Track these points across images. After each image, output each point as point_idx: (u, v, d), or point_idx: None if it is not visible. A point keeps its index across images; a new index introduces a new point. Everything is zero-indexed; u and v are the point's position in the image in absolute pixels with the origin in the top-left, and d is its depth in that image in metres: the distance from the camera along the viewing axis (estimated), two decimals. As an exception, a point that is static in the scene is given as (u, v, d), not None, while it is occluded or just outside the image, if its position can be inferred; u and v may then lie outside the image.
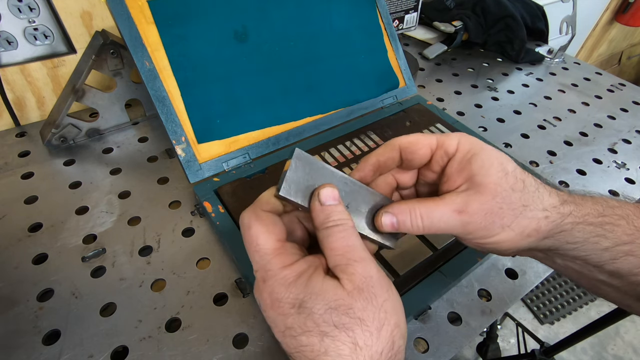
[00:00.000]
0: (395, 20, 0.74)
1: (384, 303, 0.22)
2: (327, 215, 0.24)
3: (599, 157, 0.59)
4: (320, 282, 0.22)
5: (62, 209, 0.45)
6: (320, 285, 0.22)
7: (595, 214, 0.26)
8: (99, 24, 0.55)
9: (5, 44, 0.50)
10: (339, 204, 0.25)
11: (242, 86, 0.48)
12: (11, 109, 0.55)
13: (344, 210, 0.25)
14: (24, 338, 0.34)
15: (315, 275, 0.23)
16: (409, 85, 0.61)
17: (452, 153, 0.26)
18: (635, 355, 1.25)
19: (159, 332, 0.35)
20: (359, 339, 0.21)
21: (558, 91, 0.74)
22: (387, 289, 0.23)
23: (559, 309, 1.35)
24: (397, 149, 0.27)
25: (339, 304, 0.21)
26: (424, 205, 0.25)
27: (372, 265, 0.23)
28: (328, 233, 0.24)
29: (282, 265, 0.23)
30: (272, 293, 0.23)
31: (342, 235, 0.24)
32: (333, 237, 0.24)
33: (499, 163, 0.25)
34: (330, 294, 0.22)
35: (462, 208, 0.24)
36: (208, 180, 0.45)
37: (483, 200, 0.24)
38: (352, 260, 0.23)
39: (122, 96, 0.55)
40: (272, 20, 0.49)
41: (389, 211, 0.26)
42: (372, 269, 0.23)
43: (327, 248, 0.24)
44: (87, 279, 0.39)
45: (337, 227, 0.24)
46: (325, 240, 0.24)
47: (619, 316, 0.73)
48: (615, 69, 1.97)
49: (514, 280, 0.42)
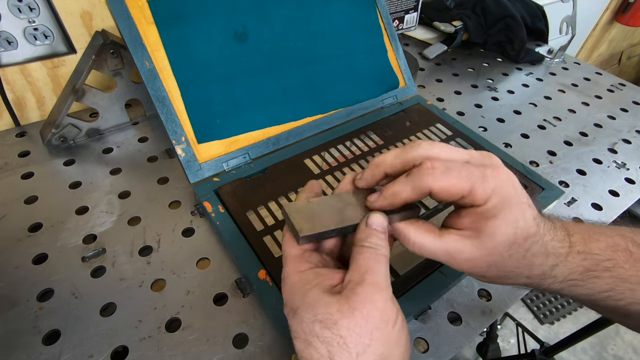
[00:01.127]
0: (395, 20, 0.74)
1: (374, 331, 0.22)
2: (368, 235, 0.25)
3: (599, 157, 0.59)
4: (317, 294, 0.23)
5: (62, 209, 0.45)
6: (316, 297, 0.23)
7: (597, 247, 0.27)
8: (99, 24, 0.55)
9: (5, 44, 0.50)
10: (382, 232, 0.26)
11: (242, 86, 0.48)
12: (11, 109, 0.55)
13: (384, 239, 0.25)
14: (24, 338, 0.34)
15: (317, 288, 0.24)
16: (409, 85, 0.61)
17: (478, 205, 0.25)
18: (635, 355, 1.25)
19: (159, 332, 0.35)
20: (336, 356, 0.21)
21: (558, 91, 0.74)
22: (387, 321, 0.23)
23: (559, 309, 1.35)
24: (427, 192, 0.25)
25: (325, 318, 0.22)
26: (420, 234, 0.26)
27: (382, 295, 0.23)
28: (362, 250, 0.25)
29: (294, 271, 0.25)
30: (284, 293, 0.25)
31: (373, 257, 0.24)
32: (364, 255, 0.24)
33: (513, 233, 0.24)
34: (321, 307, 0.23)
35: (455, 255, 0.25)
36: (208, 180, 0.45)
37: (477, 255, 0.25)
38: (365, 281, 0.23)
39: (122, 96, 0.55)
40: (272, 20, 0.49)
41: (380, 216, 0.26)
42: (379, 298, 0.23)
43: (354, 262, 0.24)
44: (87, 279, 0.39)
45: (372, 249, 0.25)
46: (356, 256, 0.25)
47: (619, 316, 0.73)
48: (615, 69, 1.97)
49: (514, 280, 0.42)
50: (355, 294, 0.23)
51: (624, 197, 0.53)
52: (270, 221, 0.42)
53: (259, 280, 0.37)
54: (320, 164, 0.49)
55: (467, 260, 0.25)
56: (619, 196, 0.53)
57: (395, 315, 0.23)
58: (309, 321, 0.22)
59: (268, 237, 0.40)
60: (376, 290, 0.23)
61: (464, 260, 0.25)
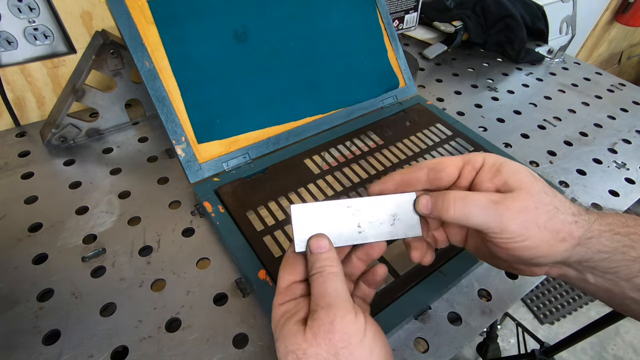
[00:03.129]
0: (395, 20, 0.73)
1: (341, 351, 0.23)
2: (312, 263, 0.26)
3: (599, 157, 0.59)
4: (291, 325, 0.24)
5: (62, 209, 0.45)
6: (289, 328, 0.24)
7: (619, 224, 0.26)
8: (99, 24, 0.55)
9: (5, 44, 0.50)
10: (326, 251, 0.26)
11: (242, 86, 0.48)
12: (11, 109, 0.55)
13: (330, 257, 0.26)
14: (24, 338, 0.34)
15: (292, 319, 0.25)
16: (409, 85, 0.61)
17: (479, 166, 0.27)
18: (635, 355, 1.25)
19: (159, 332, 0.35)
20: None
21: (558, 91, 0.74)
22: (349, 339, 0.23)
23: (559, 309, 1.35)
24: (424, 169, 0.27)
25: (295, 348, 0.23)
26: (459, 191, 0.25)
27: (339, 312, 0.23)
28: (313, 279, 0.25)
29: (276, 304, 0.26)
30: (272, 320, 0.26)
31: (319, 281, 0.25)
32: (313, 283, 0.25)
33: (526, 170, 0.26)
34: (291, 338, 0.23)
35: (499, 200, 0.24)
36: (208, 180, 0.45)
37: (518, 198, 0.24)
38: (319, 307, 0.24)
39: (122, 96, 0.55)
40: (272, 20, 0.49)
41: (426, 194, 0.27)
42: (335, 316, 0.23)
43: (312, 293, 0.25)
44: (87, 279, 0.39)
45: (317, 274, 0.25)
46: (311, 285, 0.25)
47: (619, 316, 0.73)
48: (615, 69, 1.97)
49: (514, 280, 0.42)
50: (314, 320, 0.23)
51: (624, 197, 0.53)
52: (270, 221, 0.42)
53: (259, 280, 0.37)
54: (320, 164, 0.49)
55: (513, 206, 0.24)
56: (619, 196, 0.53)
57: (362, 328, 0.24)
58: (284, 352, 0.23)
59: (268, 237, 0.40)
60: (331, 312, 0.23)
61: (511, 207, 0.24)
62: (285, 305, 0.26)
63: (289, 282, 0.27)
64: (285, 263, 0.27)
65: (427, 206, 0.26)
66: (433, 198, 0.26)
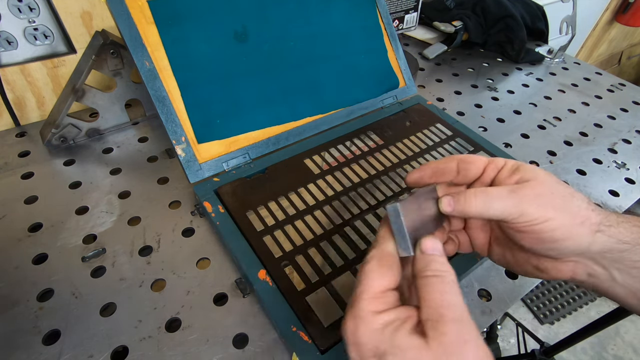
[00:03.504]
0: (395, 20, 0.73)
1: None
2: (426, 263, 0.24)
3: (599, 157, 0.59)
4: (407, 337, 0.21)
5: (62, 209, 0.45)
6: (405, 340, 0.21)
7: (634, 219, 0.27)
8: (99, 24, 0.55)
9: (5, 44, 0.50)
10: (440, 255, 0.24)
11: (242, 86, 0.48)
12: (11, 109, 0.55)
13: (445, 262, 0.24)
14: (24, 338, 0.34)
15: (402, 329, 0.22)
16: (409, 85, 0.61)
17: (501, 166, 0.29)
18: (635, 355, 1.25)
19: (159, 332, 0.35)
20: None
21: (558, 91, 0.74)
22: None
23: (559, 309, 1.35)
24: (455, 161, 0.29)
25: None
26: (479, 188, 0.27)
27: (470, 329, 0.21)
28: (425, 282, 0.23)
29: (372, 310, 0.23)
30: (354, 333, 0.23)
31: (439, 287, 0.22)
32: (429, 287, 0.23)
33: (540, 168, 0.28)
34: (413, 352, 0.21)
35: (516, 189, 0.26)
36: (208, 180, 0.45)
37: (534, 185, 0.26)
38: (446, 318, 0.21)
39: (122, 96, 0.55)
40: (272, 20, 0.49)
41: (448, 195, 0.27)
42: (469, 334, 0.21)
43: (422, 298, 0.23)
44: (87, 279, 0.39)
45: (436, 277, 0.23)
46: (422, 290, 0.23)
47: (619, 316, 0.73)
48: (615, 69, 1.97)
49: (514, 280, 0.42)
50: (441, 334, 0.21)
51: (624, 197, 0.53)
52: (270, 221, 0.42)
53: (259, 280, 0.37)
54: (320, 164, 0.49)
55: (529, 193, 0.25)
56: (619, 196, 0.53)
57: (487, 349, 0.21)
58: None
59: (268, 237, 0.40)
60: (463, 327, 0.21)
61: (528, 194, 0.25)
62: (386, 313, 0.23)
63: (383, 288, 0.24)
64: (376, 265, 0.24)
65: (449, 204, 0.27)
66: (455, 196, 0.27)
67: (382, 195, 0.46)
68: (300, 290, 0.36)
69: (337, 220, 0.43)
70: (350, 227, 0.42)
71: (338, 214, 0.43)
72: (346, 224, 0.42)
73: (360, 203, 0.45)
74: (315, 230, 0.41)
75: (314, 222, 0.42)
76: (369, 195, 0.46)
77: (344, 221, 0.43)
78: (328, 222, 0.43)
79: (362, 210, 0.44)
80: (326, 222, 0.42)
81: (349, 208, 0.44)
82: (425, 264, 0.24)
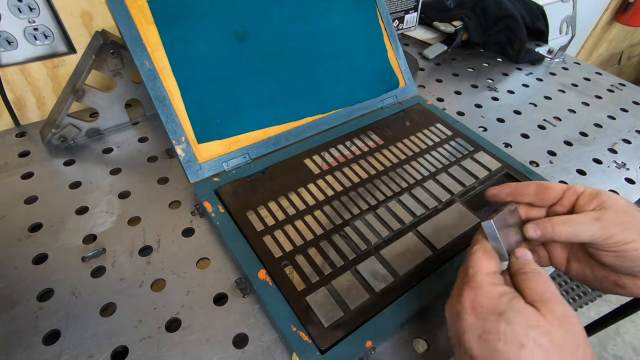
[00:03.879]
0: (395, 20, 0.73)
1: (580, 347, 0.24)
2: (523, 264, 0.28)
3: (599, 157, 0.59)
4: (522, 304, 0.25)
5: (62, 209, 0.45)
6: (521, 306, 0.25)
7: None
8: (99, 24, 0.55)
9: (5, 44, 0.50)
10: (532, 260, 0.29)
11: (242, 86, 0.48)
12: (11, 109, 0.55)
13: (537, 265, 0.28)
14: (24, 338, 0.34)
15: (517, 299, 0.25)
16: (409, 85, 0.61)
17: (580, 191, 0.31)
18: (635, 355, 1.25)
19: (159, 332, 0.35)
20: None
21: (558, 91, 0.74)
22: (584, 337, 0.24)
23: (559, 309, 1.34)
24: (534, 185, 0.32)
25: (539, 325, 0.24)
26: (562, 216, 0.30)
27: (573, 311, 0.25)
28: (527, 277, 0.27)
29: (490, 282, 0.27)
30: (474, 300, 0.26)
31: (542, 280, 0.26)
32: (533, 280, 0.27)
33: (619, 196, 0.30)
34: (531, 316, 0.24)
35: (599, 216, 0.29)
36: (208, 180, 0.45)
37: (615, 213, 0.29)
38: (553, 301, 0.25)
39: (122, 96, 0.55)
40: (272, 20, 0.49)
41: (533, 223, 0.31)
42: (572, 313, 0.25)
43: (527, 288, 0.26)
44: (87, 279, 0.39)
45: (535, 273, 0.27)
46: (525, 282, 0.27)
47: (619, 316, 0.73)
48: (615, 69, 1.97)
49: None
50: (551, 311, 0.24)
51: (624, 197, 0.53)
52: (270, 221, 0.42)
53: (259, 280, 0.37)
54: (320, 164, 0.49)
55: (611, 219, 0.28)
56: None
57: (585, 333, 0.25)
58: (522, 326, 0.24)
59: (268, 237, 0.40)
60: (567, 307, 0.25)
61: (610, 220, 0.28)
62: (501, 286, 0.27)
63: (492, 270, 0.28)
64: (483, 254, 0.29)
65: (535, 231, 0.30)
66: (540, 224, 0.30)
67: (382, 195, 0.46)
68: (300, 290, 0.36)
69: (337, 220, 0.43)
70: (350, 227, 0.42)
71: (338, 214, 0.43)
72: (346, 224, 0.42)
73: (360, 203, 0.45)
74: (315, 230, 0.41)
75: (314, 222, 0.42)
76: (369, 195, 0.46)
77: (344, 221, 0.43)
78: (328, 222, 0.43)
79: (362, 210, 0.44)
80: (326, 222, 0.42)
81: (349, 208, 0.44)
82: (522, 264, 0.28)
